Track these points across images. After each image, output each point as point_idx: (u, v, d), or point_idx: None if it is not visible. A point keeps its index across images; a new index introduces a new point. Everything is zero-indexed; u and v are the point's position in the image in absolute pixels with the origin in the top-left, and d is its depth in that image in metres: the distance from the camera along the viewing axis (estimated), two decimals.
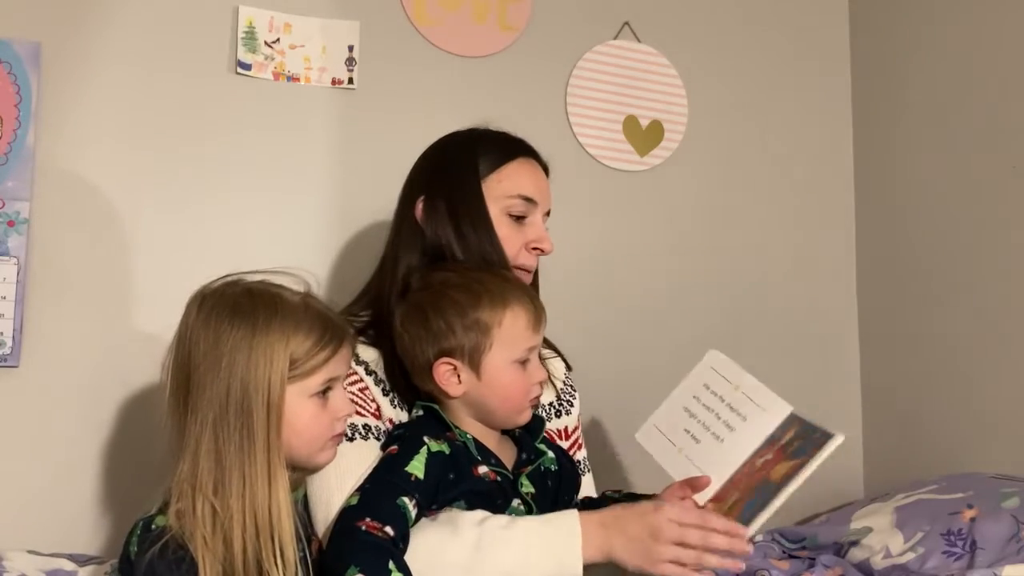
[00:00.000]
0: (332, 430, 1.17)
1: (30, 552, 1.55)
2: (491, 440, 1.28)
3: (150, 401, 1.71)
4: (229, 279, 1.19)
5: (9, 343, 1.66)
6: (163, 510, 1.09)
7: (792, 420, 1.32)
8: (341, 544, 1.12)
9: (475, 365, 1.23)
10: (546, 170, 1.47)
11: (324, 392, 1.15)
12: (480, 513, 1.19)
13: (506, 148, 1.42)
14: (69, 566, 1.53)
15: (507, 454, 1.29)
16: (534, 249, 1.40)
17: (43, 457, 1.69)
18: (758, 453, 1.29)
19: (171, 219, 1.81)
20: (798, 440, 1.28)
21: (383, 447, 1.25)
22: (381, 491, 1.16)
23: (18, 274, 1.68)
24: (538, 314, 1.27)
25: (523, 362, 1.25)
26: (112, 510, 1.72)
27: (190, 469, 1.08)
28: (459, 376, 1.24)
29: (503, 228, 1.37)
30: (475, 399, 1.26)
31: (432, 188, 1.38)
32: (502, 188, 1.38)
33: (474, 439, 1.26)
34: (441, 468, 1.20)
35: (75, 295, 1.74)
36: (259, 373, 1.10)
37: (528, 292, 1.29)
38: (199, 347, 1.11)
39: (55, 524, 1.67)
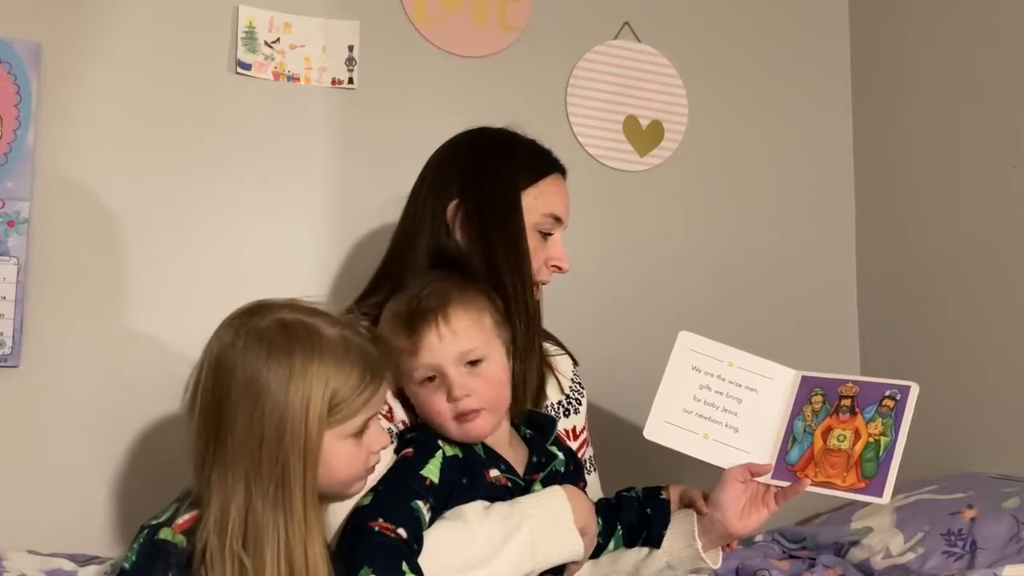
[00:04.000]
0: (367, 464, 1.13)
1: (30, 552, 1.55)
2: (501, 443, 1.28)
3: (150, 401, 1.71)
4: (259, 305, 1.10)
5: (9, 343, 1.66)
6: (171, 520, 1.05)
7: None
8: (353, 544, 1.11)
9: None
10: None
11: (360, 432, 1.10)
12: (480, 504, 1.20)
13: (542, 163, 1.43)
14: (69, 566, 1.53)
15: (519, 457, 1.29)
16: (553, 267, 1.42)
17: (43, 457, 1.69)
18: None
19: (171, 219, 1.81)
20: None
21: (396, 449, 1.24)
22: (395, 493, 1.15)
23: (18, 274, 1.68)
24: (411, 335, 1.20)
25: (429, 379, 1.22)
26: (112, 510, 1.72)
27: (218, 523, 1.01)
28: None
29: (531, 243, 1.38)
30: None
31: (470, 194, 1.37)
32: (537, 205, 1.39)
33: (483, 443, 1.25)
34: (456, 473, 1.19)
35: (75, 295, 1.74)
36: (295, 420, 1.03)
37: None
38: (231, 388, 1.03)
39: (55, 524, 1.66)
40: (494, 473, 1.23)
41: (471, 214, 1.36)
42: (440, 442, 1.21)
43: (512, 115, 1.50)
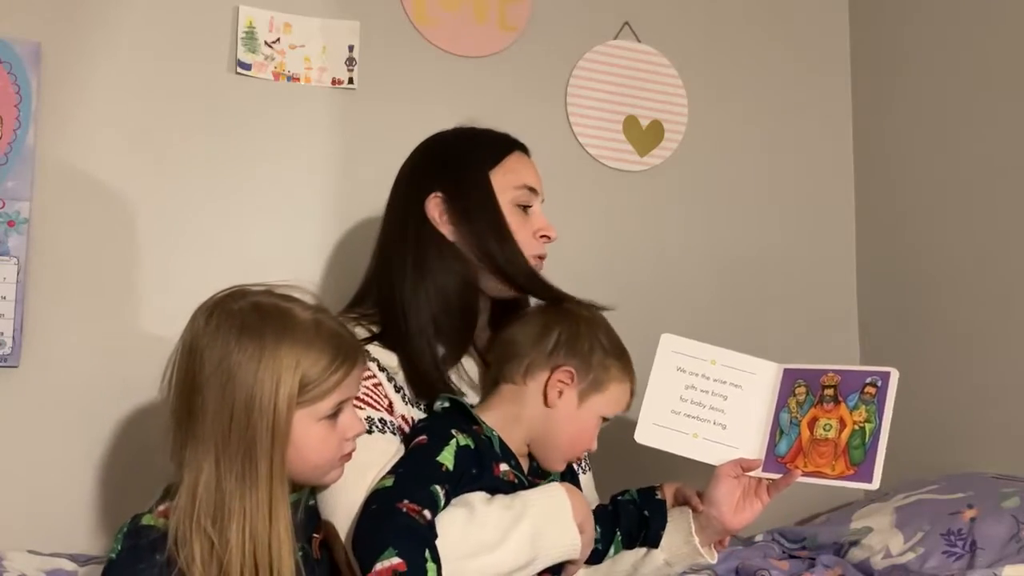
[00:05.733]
0: (341, 451, 1.14)
1: (30, 552, 1.55)
2: (520, 446, 1.31)
3: (150, 401, 1.71)
4: (235, 290, 1.13)
5: (9, 343, 1.66)
6: (154, 508, 1.07)
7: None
8: (379, 524, 1.11)
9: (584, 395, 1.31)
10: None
11: (334, 415, 1.11)
12: (482, 493, 1.22)
13: (503, 143, 1.45)
14: (69, 566, 1.53)
15: (524, 462, 1.32)
16: (542, 236, 1.44)
17: (43, 457, 1.69)
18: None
19: (171, 219, 1.81)
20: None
21: (409, 438, 1.26)
22: (417, 476, 1.17)
23: (18, 274, 1.68)
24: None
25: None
26: (112, 510, 1.72)
27: (188, 501, 1.03)
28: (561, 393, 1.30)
29: (514, 219, 1.40)
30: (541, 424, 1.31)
31: (446, 185, 1.39)
32: (508, 180, 1.41)
33: (499, 437, 1.28)
34: (467, 462, 1.21)
35: (75, 295, 1.73)
36: (264, 398, 1.04)
37: None
38: (203, 367, 1.06)
39: (55, 524, 1.66)
40: (504, 468, 1.26)
41: (452, 202, 1.38)
42: (453, 431, 1.23)
43: (512, 115, 1.51)
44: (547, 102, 2.13)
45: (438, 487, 1.16)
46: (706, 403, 1.39)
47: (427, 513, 1.12)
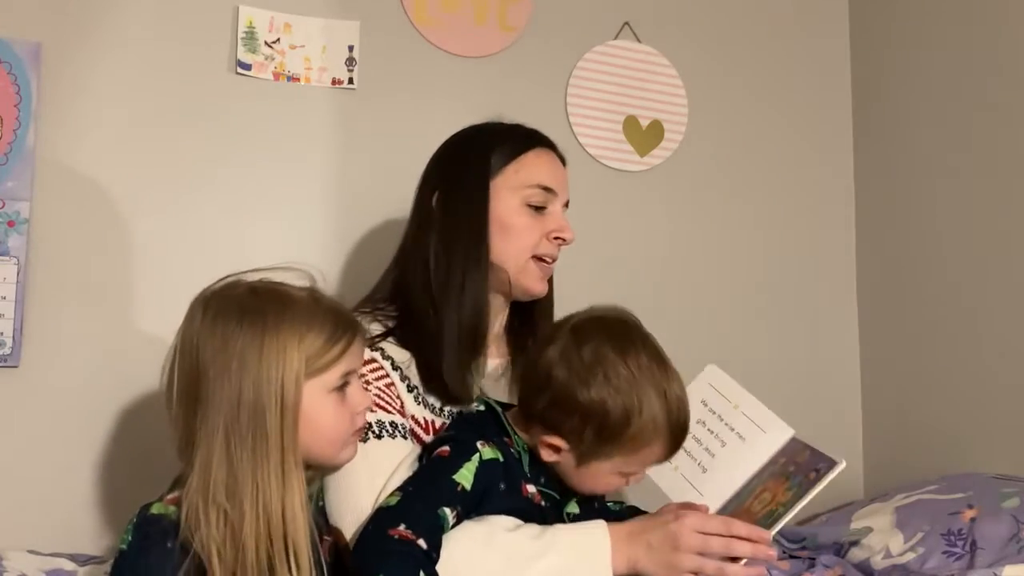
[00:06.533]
0: (353, 425, 1.15)
1: (30, 552, 1.55)
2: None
3: (150, 400, 1.71)
4: (230, 280, 1.16)
5: (9, 343, 1.66)
6: (162, 498, 1.08)
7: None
8: (371, 549, 1.09)
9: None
10: (563, 161, 1.47)
11: (342, 387, 1.13)
12: (512, 520, 1.18)
13: (522, 139, 1.42)
14: (69, 566, 1.53)
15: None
16: (556, 239, 1.40)
17: (43, 457, 1.69)
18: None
19: (171, 219, 1.81)
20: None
21: (433, 444, 1.23)
22: (423, 497, 1.13)
23: (18, 274, 1.68)
24: None
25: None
26: (112, 510, 1.72)
27: (200, 481, 1.05)
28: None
29: (523, 218, 1.37)
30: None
31: (444, 183, 1.39)
32: (519, 178, 1.37)
33: (531, 452, 1.22)
34: (491, 477, 1.17)
35: (75, 295, 1.74)
36: (272, 374, 1.06)
37: None
38: (206, 352, 1.08)
39: (55, 524, 1.66)
40: (531, 489, 1.21)
41: (444, 200, 1.37)
42: (479, 444, 1.18)
43: (512, 115, 1.50)
44: (547, 102, 2.12)
45: (447, 509, 1.12)
46: (704, 441, 1.35)
47: (422, 541, 1.08)
